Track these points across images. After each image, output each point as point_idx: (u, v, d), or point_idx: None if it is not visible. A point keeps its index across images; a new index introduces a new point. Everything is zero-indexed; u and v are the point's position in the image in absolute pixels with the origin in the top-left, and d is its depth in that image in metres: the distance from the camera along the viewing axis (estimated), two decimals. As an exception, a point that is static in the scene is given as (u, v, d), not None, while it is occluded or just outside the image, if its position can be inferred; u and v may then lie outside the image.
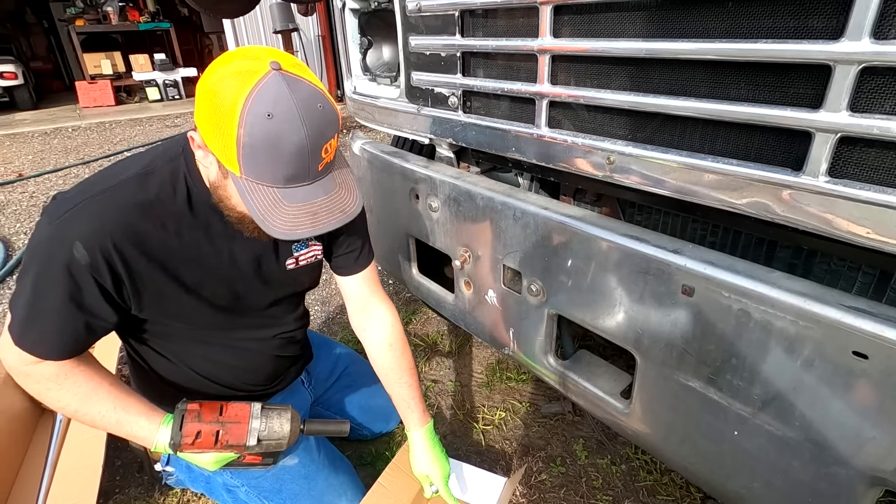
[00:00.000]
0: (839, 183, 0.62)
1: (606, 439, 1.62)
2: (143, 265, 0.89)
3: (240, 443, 0.95)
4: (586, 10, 0.84)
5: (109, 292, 0.88)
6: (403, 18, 1.19)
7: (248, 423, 0.96)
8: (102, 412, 0.94)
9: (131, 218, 0.86)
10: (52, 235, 0.84)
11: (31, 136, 6.38)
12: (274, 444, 0.98)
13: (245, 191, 0.77)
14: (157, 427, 0.97)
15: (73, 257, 0.82)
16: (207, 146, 0.79)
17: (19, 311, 0.87)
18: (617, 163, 0.87)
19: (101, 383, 0.95)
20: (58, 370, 0.91)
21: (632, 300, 0.88)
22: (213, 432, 0.92)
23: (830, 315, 0.65)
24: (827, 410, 0.69)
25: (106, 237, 0.84)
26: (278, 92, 0.72)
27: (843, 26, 0.57)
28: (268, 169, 0.76)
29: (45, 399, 0.94)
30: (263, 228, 0.78)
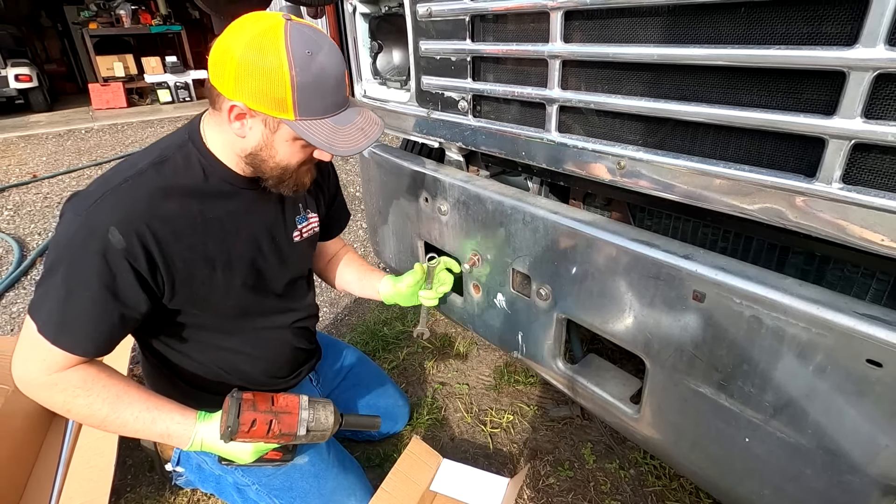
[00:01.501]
0: (853, 190, 0.62)
1: (615, 443, 1.62)
2: (175, 246, 0.92)
3: (291, 432, 0.96)
4: (597, 15, 0.84)
5: (145, 278, 0.90)
6: (414, 23, 1.19)
7: (298, 414, 0.98)
8: (135, 413, 0.94)
9: (158, 202, 0.90)
10: (81, 226, 0.85)
11: (45, 137, 6.48)
12: (319, 434, 1.00)
13: (303, 131, 0.86)
14: (194, 422, 0.98)
15: (109, 243, 0.84)
16: (253, 109, 0.85)
17: (52, 311, 0.86)
18: (628, 168, 0.87)
19: (128, 386, 0.96)
20: (85, 375, 0.91)
21: (642, 305, 0.88)
22: (266, 421, 0.94)
23: (844, 322, 0.64)
24: (840, 418, 0.68)
25: (139, 221, 0.87)
26: (305, 33, 0.83)
27: (858, 33, 0.57)
28: (319, 101, 0.86)
29: (73, 408, 0.91)
30: (331, 152, 0.89)
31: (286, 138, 0.90)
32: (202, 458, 1.27)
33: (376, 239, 1.71)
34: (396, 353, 2.08)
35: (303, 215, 1.17)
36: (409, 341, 2.16)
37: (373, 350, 2.08)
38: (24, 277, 2.83)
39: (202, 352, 1.12)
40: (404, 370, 1.99)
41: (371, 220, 1.71)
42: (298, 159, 0.95)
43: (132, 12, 8.76)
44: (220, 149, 0.97)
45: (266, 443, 0.98)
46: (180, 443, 0.98)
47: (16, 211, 3.84)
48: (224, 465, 1.13)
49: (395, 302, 1.28)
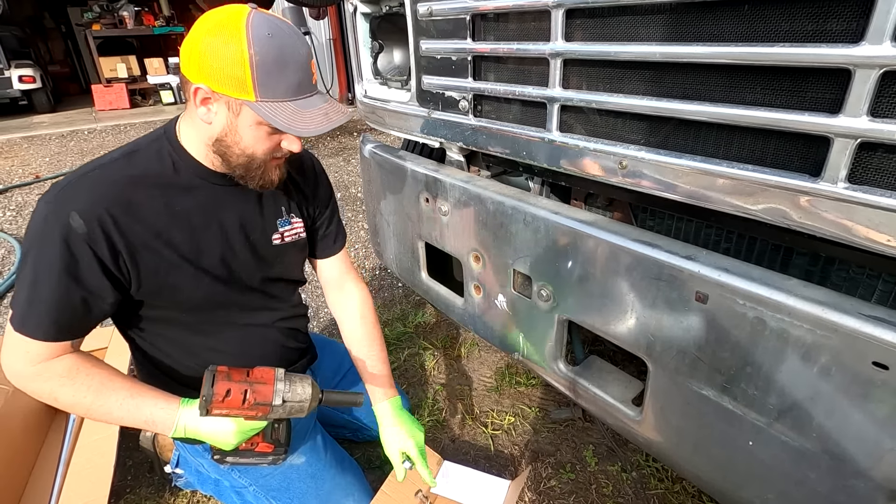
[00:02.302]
0: (859, 189, 0.61)
1: (617, 446, 1.60)
2: (139, 233, 0.93)
3: (266, 401, 0.97)
4: (599, 13, 0.84)
5: (107, 265, 0.90)
6: (415, 22, 1.19)
7: (274, 385, 0.98)
8: (119, 400, 0.94)
9: (124, 189, 0.92)
10: (47, 213, 0.87)
11: (48, 138, 6.50)
12: (296, 406, 1.00)
13: (263, 111, 0.86)
14: (177, 407, 0.97)
15: (71, 227, 0.86)
16: (216, 91, 0.86)
17: (21, 297, 0.89)
18: (630, 167, 0.86)
19: (112, 375, 0.97)
20: (69, 364, 0.92)
21: (644, 306, 0.87)
22: (241, 391, 0.94)
23: (849, 324, 0.63)
24: (845, 421, 0.67)
25: (101, 207, 0.88)
26: (268, 18, 0.86)
27: (864, 30, 0.56)
28: (280, 81, 0.86)
29: (59, 397, 0.93)
30: (291, 132, 0.89)
31: (249, 122, 0.90)
32: (199, 461, 1.26)
33: (377, 240, 1.70)
34: (398, 355, 2.07)
35: (285, 219, 1.15)
36: (411, 342, 2.15)
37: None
38: (26, 278, 2.83)
39: (185, 349, 1.11)
40: (405, 371, 1.99)
41: (372, 220, 1.70)
42: (264, 148, 0.94)
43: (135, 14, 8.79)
44: (191, 143, 0.98)
45: (245, 417, 0.98)
46: (164, 429, 0.97)
47: (18, 212, 3.85)
48: (219, 463, 1.12)
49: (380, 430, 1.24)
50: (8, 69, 7.76)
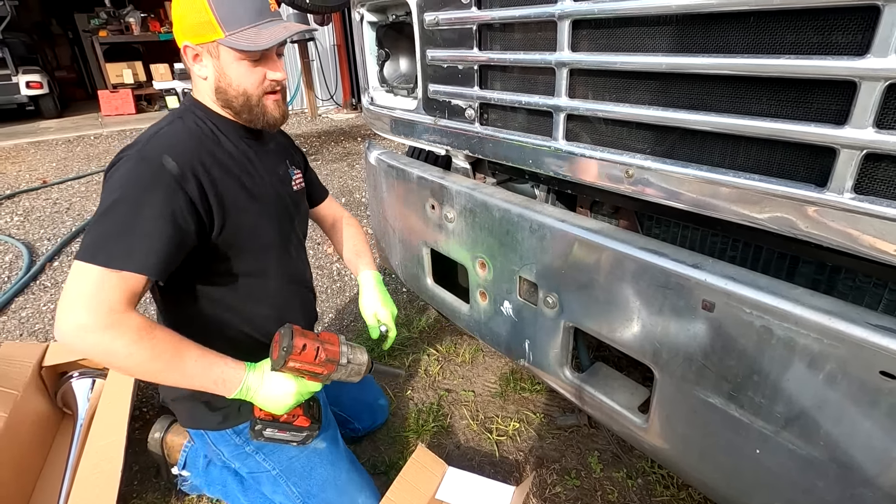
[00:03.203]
0: (865, 200, 0.61)
1: (622, 452, 1.60)
2: (218, 173, 1.03)
3: (335, 359, 1.05)
4: (605, 24, 0.84)
5: (196, 204, 0.98)
6: (421, 32, 1.20)
7: (339, 346, 1.07)
8: (194, 358, 0.94)
9: (195, 139, 1.04)
10: (136, 162, 0.95)
11: (55, 143, 6.55)
12: (356, 368, 1.08)
13: (232, 42, 0.97)
14: (244, 367, 1.00)
15: (164, 168, 0.94)
16: (197, 43, 0.99)
17: (113, 238, 0.89)
18: (636, 176, 0.87)
19: (180, 335, 0.96)
20: (144, 321, 0.90)
21: (650, 314, 0.88)
22: (314, 347, 1.02)
23: (856, 333, 0.63)
24: (853, 430, 0.67)
25: (187, 151, 0.99)
26: None
27: (869, 42, 0.57)
28: (238, 11, 0.97)
29: (134, 352, 0.87)
30: (253, 49, 0.98)
31: (230, 60, 1.01)
32: (219, 449, 1.26)
33: (382, 245, 1.71)
34: (402, 360, 2.07)
35: (292, 170, 1.29)
36: (415, 347, 2.15)
37: (378, 356, 2.08)
38: (34, 283, 2.85)
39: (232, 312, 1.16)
40: (410, 377, 1.99)
41: (377, 226, 1.71)
42: (252, 81, 1.04)
43: (141, 20, 8.85)
44: (211, 104, 1.10)
45: (311, 373, 1.03)
46: (231, 386, 0.98)
47: (26, 216, 3.88)
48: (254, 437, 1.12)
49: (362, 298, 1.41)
50: (15, 75, 7.82)
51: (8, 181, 4.82)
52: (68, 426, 1.68)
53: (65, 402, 1.70)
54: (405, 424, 1.74)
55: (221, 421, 1.22)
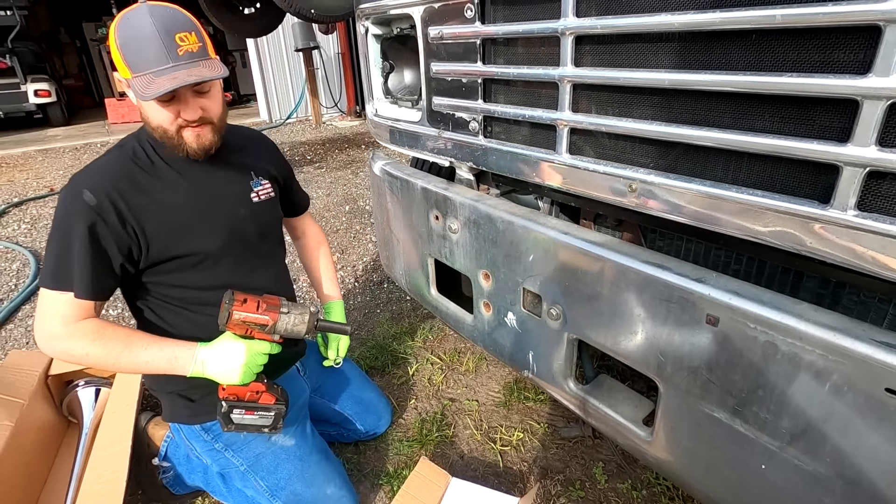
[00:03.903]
0: (869, 217, 0.62)
1: (626, 463, 1.59)
2: (141, 200, 1.10)
3: (275, 307, 1.13)
4: (608, 40, 0.85)
5: (118, 230, 1.07)
6: (426, 45, 1.21)
7: (280, 300, 1.16)
8: (144, 345, 1.09)
9: (122, 168, 1.12)
10: (66, 195, 1.06)
11: (62, 151, 6.61)
12: (299, 317, 1.15)
13: (135, 86, 1.02)
14: (196, 345, 1.12)
15: (83, 202, 1.04)
16: (121, 78, 1.06)
17: (52, 265, 1.05)
18: (639, 190, 0.87)
19: (133, 330, 1.15)
20: (97, 324, 1.08)
21: (654, 328, 0.88)
22: (255, 300, 1.11)
23: (861, 350, 0.63)
24: (859, 447, 0.67)
25: (106, 182, 1.07)
26: (137, 7, 1.02)
27: (871, 61, 0.57)
28: (137, 54, 1.01)
29: (91, 352, 1.06)
30: (142, 98, 1.00)
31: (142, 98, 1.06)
32: (192, 444, 1.33)
33: (386, 254, 1.72)
34: (406, 369, 2.07)
35: (256, 180, 1.32)
36: (419, 356, 2.15)
37: (382, 365, 2.08)
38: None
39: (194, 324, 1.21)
40: (413, 385, 1.99)
41: (381, 235, 1.72)
42: (164, 117, 1.08)
43: (148, 29, 8.96)
44: None
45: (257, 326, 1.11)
46: (185, 363, 1.10)
47: (33, 224, 3.91)
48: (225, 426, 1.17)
49: None
50: (24, 83, 7.92)
51: (16, 189, 4.86)
52: (73, 435, 1.69)
53: (70, 410, 1.71)
54: (408, 434, 1.74)
55: (191, 415, 1.28)
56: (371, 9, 1.35)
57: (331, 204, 4.20)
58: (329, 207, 4.10)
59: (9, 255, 3.32)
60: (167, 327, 1.21)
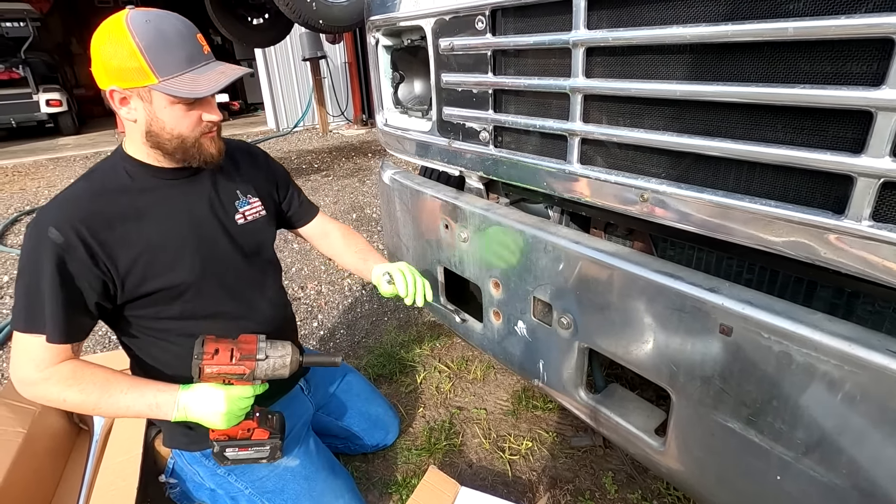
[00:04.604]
0: (884, 227, 0.62)
1: (637, 473, 1.58)
2: (110, 235, 1.03)
3: (251, 355, 1.06)
4: (619, 52, 0.86)
5: (88, 266, 1.00)
6: (436, 56, 1.23)
7: (257, 343, 1.09)
8: (124, 390, 1.03)
9: (89, 201, 1.03)
10: (31, 233, 0.99)
11: (73, 159, 6.70)
12: (279, 361, 1.09)
13: (168, 88, 0.96)
14: (177, 389, 1.06)
15: (50, 240, 0.97)
16: (125, 87, 0.97)
17: (21, 307, 0.99)
18: (651, 200, 0.87)
19: (112, 372, 1.07)
20: (72, 367, 1.02)
21: (666, 337, 0.88)
22: (228, 349, 1.05)
23: (877, 360, 0.63)
24: (876, 458, 0.67)
25: (73, 217, 0.99)
26: (144, 10, 0.98)
27: (885, 73, 0.58)
28: (169, 56, 0.96)
29: (68, 398, 1.01)
30: (193, 96, 0.98)
31: (164, 105, 1.00)
32: (195, 469, 1.31)
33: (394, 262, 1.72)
34: (413, 377, 2.07)
35: (242, 200, 1.26)
36: (427, 364, 2.15)
37: (390, 373, 2.09)
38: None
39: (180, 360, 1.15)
40: (421, 393, 1.99)
41: (390, 243, 1.73)
42: (188, 124, 1.04)
43: (158, 39, 9.08)
44: (134, 149, 1.09)
45: (233, 375, 1.05)
46: (167, 409, 1.04)
47: (44, 231, 3.95)
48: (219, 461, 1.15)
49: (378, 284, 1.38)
50: (36, 93, 8.03)
51: (27, 197, 4.93)
52: (84, 442, 1.70)
53: (81, 417, 1.72)
54: (417, 443, 1.74)
55: (189, 443, 1.26)
56: (382, 20, 1.37)
57: (338, 212, 4.23)
58: (336, 215, 4.13)
59: (20, 263, 3.36)
60: (155, 363, 1.17)
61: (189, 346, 1.14)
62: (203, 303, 1.16)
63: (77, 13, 11.03)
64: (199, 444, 1.26)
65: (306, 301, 2.79)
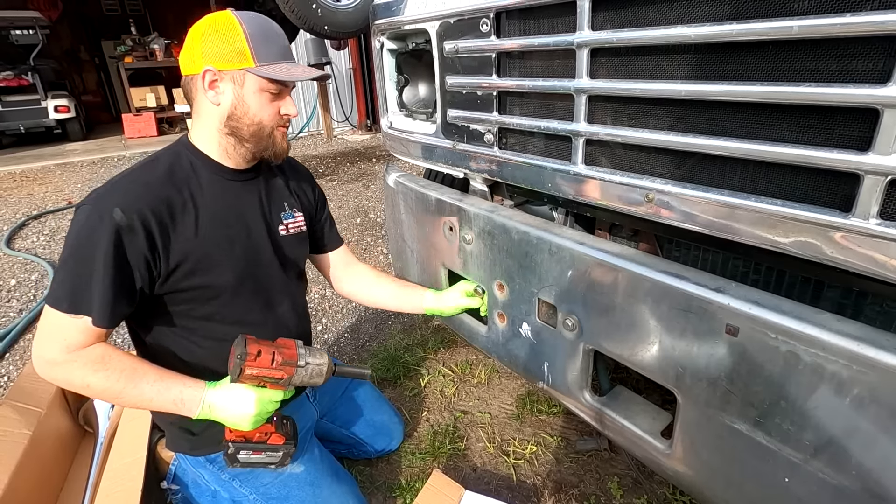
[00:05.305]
0: (892, 225, 0.61)
1: (643, 478, 1.57)
2: (171, 225, 1.04)
3: (292, 361, 1.05)
4: (624, 52, 0.86)
5: (145, 254, 1.00)
6: (441, 59, 1.23)
7: (296, 349, 1.08)
8: (150, 382, 1.02)
9: (158, 187, 1.05)
10: (89, 213, 0.98)
11: (80, 165, 6.75)
12: (316, 369, 1.09)
13: (265, 72, 1.04)
14: (204, 387, 1.05)
15: (114, 221, 0.96)
16: (221, 69, 1.03)
17: (68, 287, 0.97)
18: (656, 200, 0.87)
19: (140, 360, 1.06)
20: (102, 352, 1.00)
21: (673, 338, 0.87)
22: (270, 352, 1.04)
23: (886, 360, 0.63)
24: (886, 459, 0.66)
25: (139, 202, 1.00)
26: (243, 12, 1.06)
27: (891, 70, 0.57)
28: (269, 46, 1.06)
29: (92, 383, 0.99)
30: (288, 79, 1.06)
31: (253, 90, 1.06)
32: (199, 472, 1.30)
33: (399, 265, 1.72)
34: (418, 381, 2.07)
35: (288, 212, 1.29)
36: (431, 368, 2.15)
37: (394, 377, 2.08)
38: (58, 301, 2.91)
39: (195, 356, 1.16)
40: (426, 397, 1.98)
41: (394, 247, 1.73)
42: (269, 113, 1.09)
43: (165, 46, 9.16)
44: (203, 140, 1.13)
45: (272, 378, 1.04)
46: (191, 406, 1.03)
47: (52, 236, 3.98)
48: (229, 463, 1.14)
49: (438, 313, 1.40)
50: (44, 100, 8.11)
51: (35, 202, 4.96)
52: (89, 444, 1.70)
53: (86, 419, 1.73)
54: (421, 447, 1.73)
55: (194, 448, 1.26)
56: (387, 24, 1.38)
57: (342, 216, 4.24)
58: (340, 220, 4.14)
59: (28, 267, 3.38)
60: (168, 359, 1.15)
61: (210, 348, 1.15)
62: (235, 307, 1.17)
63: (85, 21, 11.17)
64: (201, 450, 1.26)
65: (310, 305, 2.79)
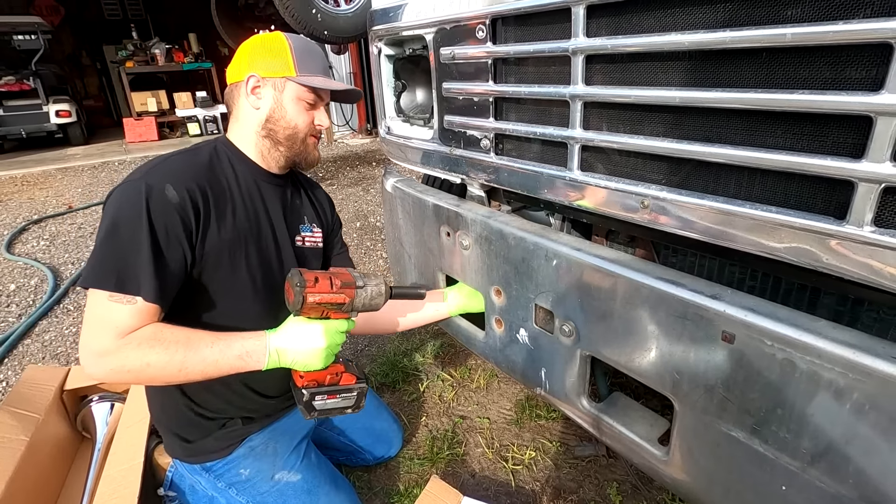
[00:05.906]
0: (886, 233, 0.61)
1: (642, 484, 1.56)
2: (215, 210, 1.06)
3: (350, 283, 1.03)
4: (618, 59, 0.86)
5: (191, 233, 1.02)
6: (438, 65, 1.23)
7: (350, 273, 1.06)
8: (209, 344, 0.98)
9: (200, 171, 1.08)
10: (137, 190, 0.96)
11: (81, 169, 6.77)
12: (375, 290, 1.06)
13: (305, 81, 1.14)
14: (265, 335, 1.02)
15: (165, 197, 0.97)
16: (264, 76, 1.13)
17: (110, 267, 0.93)
18: (652, 206, 0.87)
19: (191, 328, 1.00)
20: (154, 329, 0.96)
21: (669, 345, 0.87)
22: (327, 277, 1.01)
23: (883, 368, 0.62)
24: (884, 467, 0.65)
25: (189, 180, 1.02)
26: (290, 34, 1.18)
27: (884, 77, 0.57)
28: (311, 61, 1.17)
29: (152, 360, 0.93)
30: (326, 87, 1.17)
31: (292, 97, 1.15)
32: (196, 479, 1.30)
33: (397, 269, 1.72)
34: (416, 385, 2.06)
35: (307, 225, 1.33)
36: (429, 373, 2.14)
37: (393, 381, 2.08)
38: (58, 306, 2.92)
39: None
40: (424, 402, 1.98)
41: (392, 251, 1.73)
42: (304, 121, 1.17)
43: (166, 51, 9.20)
44: (242, 137, 1.19)
45: (333, 304, 1.00)
46: (259, 357, 1.00)
47: (52, 241, 3.99)
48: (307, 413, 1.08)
49: (466, 310, 1.36)
50: (46, 104, 8.14)
51: (35, 206, 4.98)
52: (87, 450, 1.70)
53: (84, 425, 1.72)
54: (419, 452, 1.73)
55: (188, 455, 1.25)
56: (384, 31, 1.38)
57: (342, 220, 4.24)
58: (340, 224, 4.14)
59: (28, 271, 3.39)
60: None
61: None
62: (241, 307, 1.15)
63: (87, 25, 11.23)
64: (196, 457, 1.26)
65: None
